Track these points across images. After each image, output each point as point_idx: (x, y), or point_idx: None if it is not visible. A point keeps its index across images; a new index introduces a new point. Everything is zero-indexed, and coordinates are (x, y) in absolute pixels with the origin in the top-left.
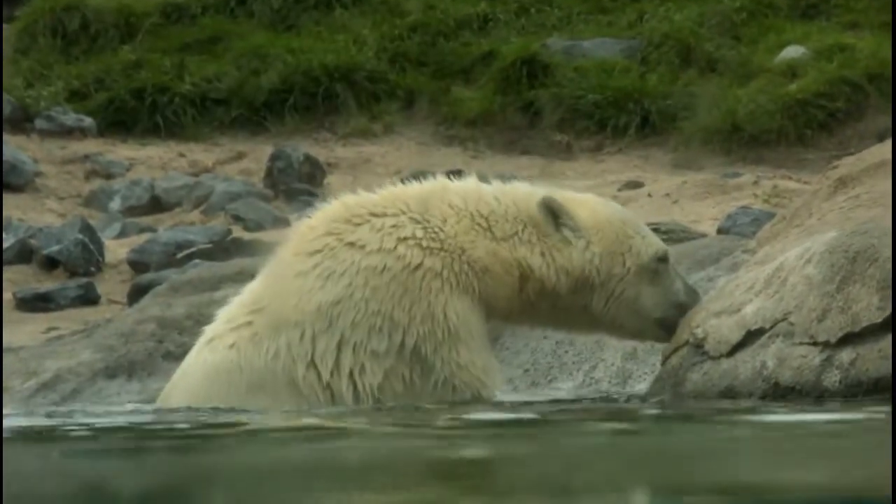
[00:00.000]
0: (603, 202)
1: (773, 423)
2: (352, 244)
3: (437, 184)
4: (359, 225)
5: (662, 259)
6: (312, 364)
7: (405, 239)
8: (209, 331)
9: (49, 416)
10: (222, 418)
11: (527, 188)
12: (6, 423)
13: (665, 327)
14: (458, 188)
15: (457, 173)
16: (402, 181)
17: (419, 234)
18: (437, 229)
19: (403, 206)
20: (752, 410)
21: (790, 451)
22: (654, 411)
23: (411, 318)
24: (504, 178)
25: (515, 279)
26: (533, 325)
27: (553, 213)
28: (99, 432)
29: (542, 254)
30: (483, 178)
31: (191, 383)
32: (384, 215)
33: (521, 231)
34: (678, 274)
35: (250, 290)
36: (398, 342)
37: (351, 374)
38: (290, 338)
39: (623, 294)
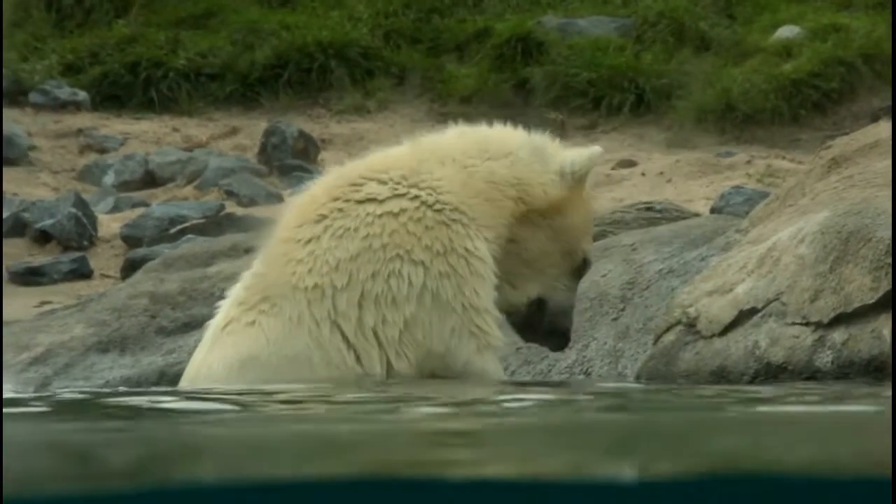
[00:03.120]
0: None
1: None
2: (361, 201)
3: (422, 138)
4: (363, 184)
5: (585, 266)
6: (336, 325)
7: (416, 184)
8: (220, 319)
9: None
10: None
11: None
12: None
13: (527, 316)
14: (443, 135)
15: None
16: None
17: (426, 178)
18: (439, 173)
19: (400, 162)
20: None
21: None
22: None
23: (433, 254)
24: None
25: (511, 200)
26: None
27: (588, 164)
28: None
29: (535, 173)
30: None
31: (216, 371)
32: (387, 170)
33: (517, 150)
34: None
35: (254, 273)
36: (419, 284)
37: (374, 329)
38: (311, 298)
39: (545, 257)
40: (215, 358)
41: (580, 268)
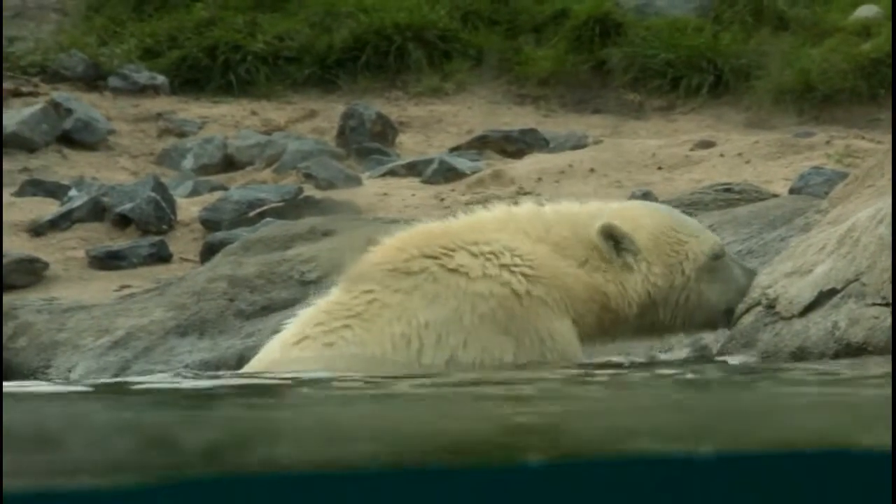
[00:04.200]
0: (649, 210)
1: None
2: (454, 270)
3: (505, 212)
4: (455, 251)
5: (718, 255)
6: None
7: (507, 266)
8: (290, 335)
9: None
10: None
11: (577, 209)
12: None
13: (732, 314)
14: (527, 215)
15: (530, 130)
16: (484, 133)
17: (518, 261)
18: (531, 257)
19: (493, 235)
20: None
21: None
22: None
23: (519, 342)
24: (576, 137)
25: (598, 304)
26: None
27: (615, 240)
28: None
29: (613, 282)
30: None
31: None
32: (477, 242)
33: (591, 256)
34: (733, 259)
35: (335, 301)
36: (508, 360)
37: None
38: (396, 344)
39: (688, 300)
40: (292, 362)
41: (714, 259)
